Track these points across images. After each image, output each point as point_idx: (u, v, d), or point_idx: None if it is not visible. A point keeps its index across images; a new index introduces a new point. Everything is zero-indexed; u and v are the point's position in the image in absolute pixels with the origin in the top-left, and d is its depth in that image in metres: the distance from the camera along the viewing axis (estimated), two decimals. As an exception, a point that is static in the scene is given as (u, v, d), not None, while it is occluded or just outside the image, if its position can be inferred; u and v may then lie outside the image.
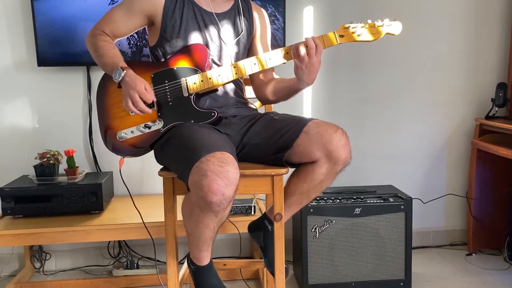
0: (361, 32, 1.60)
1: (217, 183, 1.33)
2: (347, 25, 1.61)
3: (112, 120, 1.71)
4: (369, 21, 1.61)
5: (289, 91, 1.76)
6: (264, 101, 1.89)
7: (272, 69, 1.84)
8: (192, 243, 1.55)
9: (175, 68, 1.68)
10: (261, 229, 1.77)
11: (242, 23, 1.81)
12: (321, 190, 1.66)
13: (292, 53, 1.62)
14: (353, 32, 1.61)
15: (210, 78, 1.66)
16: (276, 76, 1.86)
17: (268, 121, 1.68)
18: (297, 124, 1.60)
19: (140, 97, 1.58)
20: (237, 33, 1.79)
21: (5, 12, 2.43)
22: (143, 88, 1.58)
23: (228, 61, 1.76)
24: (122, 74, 1.60)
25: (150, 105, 1.62)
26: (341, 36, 1.61)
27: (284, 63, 1.68)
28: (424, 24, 2.70)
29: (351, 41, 1.62)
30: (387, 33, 1.62)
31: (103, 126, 1.73)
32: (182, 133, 1.57)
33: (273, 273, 1.70)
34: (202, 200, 1.36)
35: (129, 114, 1.68)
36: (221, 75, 1.66)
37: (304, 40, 1.60)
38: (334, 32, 1.61)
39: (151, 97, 1.60)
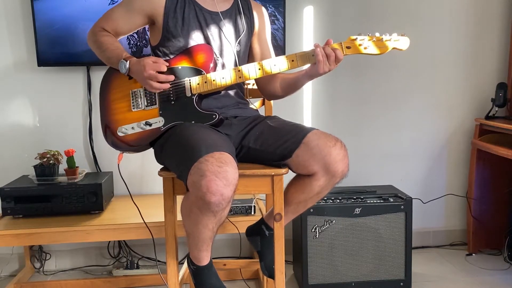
0: (368, 45, 1.60)
1: (216, 183, 1.33)
2: (354, 37, 1.61)
3: (113, 115, 1.71)
4: (377, 34, 1.61)
5: (296, 85, 1.76)
6: (272, 96, 1.87)
7: None
8: (192, 243, 1.55)
9: (179, 68, 1.68)
10: (258, 234, 1.78)
11: (243, 22, 1.80)
12: (318, 200, 1.68)
13: (319, 56, 1.59)
14: (360, 44, 1.61)
15: (214, 80, 1.65)
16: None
17: (268, 127, 1.68)
18: (297, 134, 1.60)
19: (156, 71, 1.58)
20: (238, 31, 1.79)
21: (5, 12, 2.43)
22: (151, 63, 1.58)
23: (231, 59, 1.76)
24: (127, 65, 1.62)
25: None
26: (347, 47, 1.61)
27: None
28: (424, 24, 2.70)
29: (357, 53, 1.62)
30: (394, 48, 1.62)
31: (104, 121, 1.73)
32: (182, 133, 1.57)
33: (270, 277, 1.72)
34: (201, 200, 1.36)
35: (131, 110, 1.69)
36: (225, 78, 1.65)
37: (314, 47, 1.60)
38: (341, 43, 1.61)
39: (163, 65, 1.60)
